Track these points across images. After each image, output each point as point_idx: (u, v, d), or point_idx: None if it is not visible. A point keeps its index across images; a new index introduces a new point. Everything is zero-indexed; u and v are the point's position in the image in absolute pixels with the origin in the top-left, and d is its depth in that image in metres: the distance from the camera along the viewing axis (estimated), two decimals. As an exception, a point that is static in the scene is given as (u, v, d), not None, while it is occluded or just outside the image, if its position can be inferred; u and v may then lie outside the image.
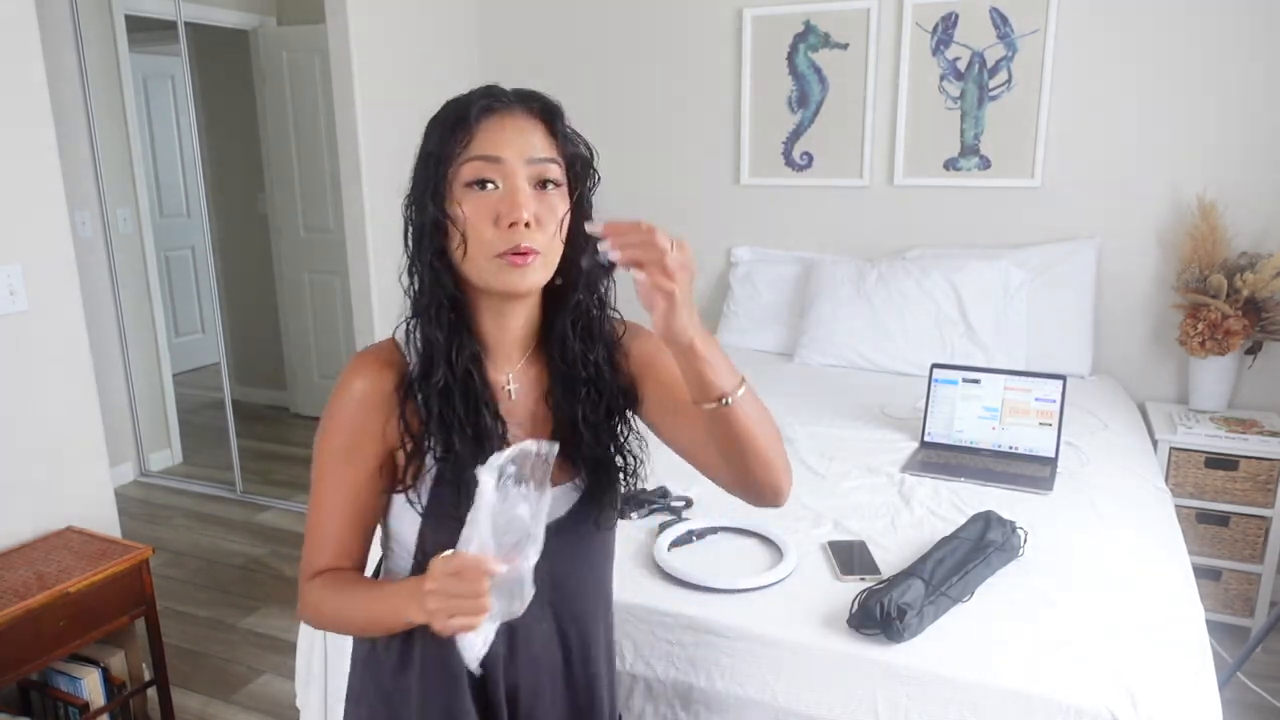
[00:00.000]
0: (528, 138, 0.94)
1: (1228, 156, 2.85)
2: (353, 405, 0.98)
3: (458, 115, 0.95)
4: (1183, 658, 1.39)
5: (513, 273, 0.93)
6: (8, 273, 2.16)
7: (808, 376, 3.00)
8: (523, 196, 0.92)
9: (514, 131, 0.94)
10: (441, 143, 0.94)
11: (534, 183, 0.94)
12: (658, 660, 1.53)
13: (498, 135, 0.93)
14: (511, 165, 0.92)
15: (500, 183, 0.92)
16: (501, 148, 0.93)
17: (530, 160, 0.93)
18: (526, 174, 0.93)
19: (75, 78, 3.74)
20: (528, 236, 0.92)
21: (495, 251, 0.92)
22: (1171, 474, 2.68)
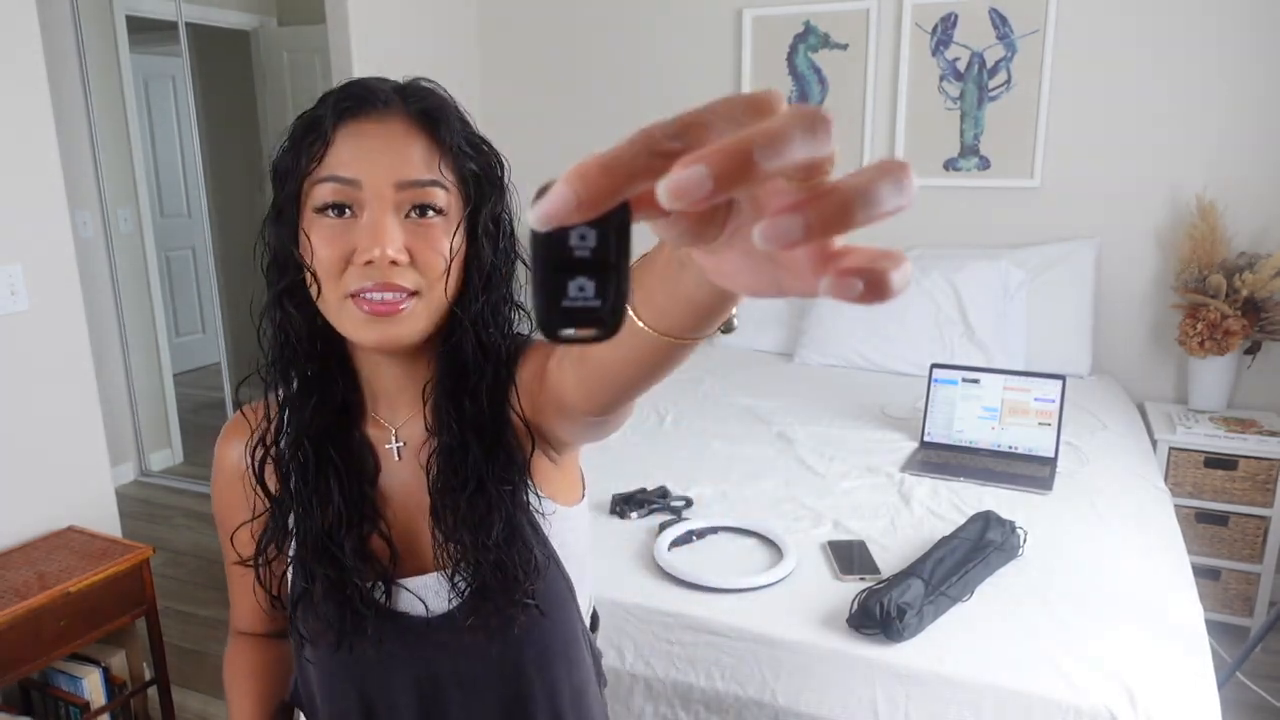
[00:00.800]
0: (400, 153, 0.74)
1: (1227, 156, 2.86)
2: (221, 476, 0.92)
3: (311, 120, 0.75)
4: (1182, 657, 1.39)
5: (374, 325, 0.73)
6: (8, 273, 2.16)
7: (808, 376, 3.00)
8: (386, 228, 0.71)
9: (382, 145, 0.73)
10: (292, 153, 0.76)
11: (407, 210, 0.74)
12: (658, 660, 1.53)
13: (358, 149, 0.73)
14: (374, 190, 0.73)
15: (358, 210, 0.73)
16: (361, 167, 0.72)
17: (401, 184, 0.73)
18: (396, 200, 0.73)
19: (76, 78, 3.74)
20: (397, 274, 0.72)
21: (349, 293, 0.73)
22: (1171, 474, 2.68)
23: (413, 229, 0.74)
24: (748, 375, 3.00)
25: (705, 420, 2.53)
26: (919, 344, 2.99)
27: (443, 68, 3.68)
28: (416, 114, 0.76)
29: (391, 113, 0.75)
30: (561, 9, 3.72)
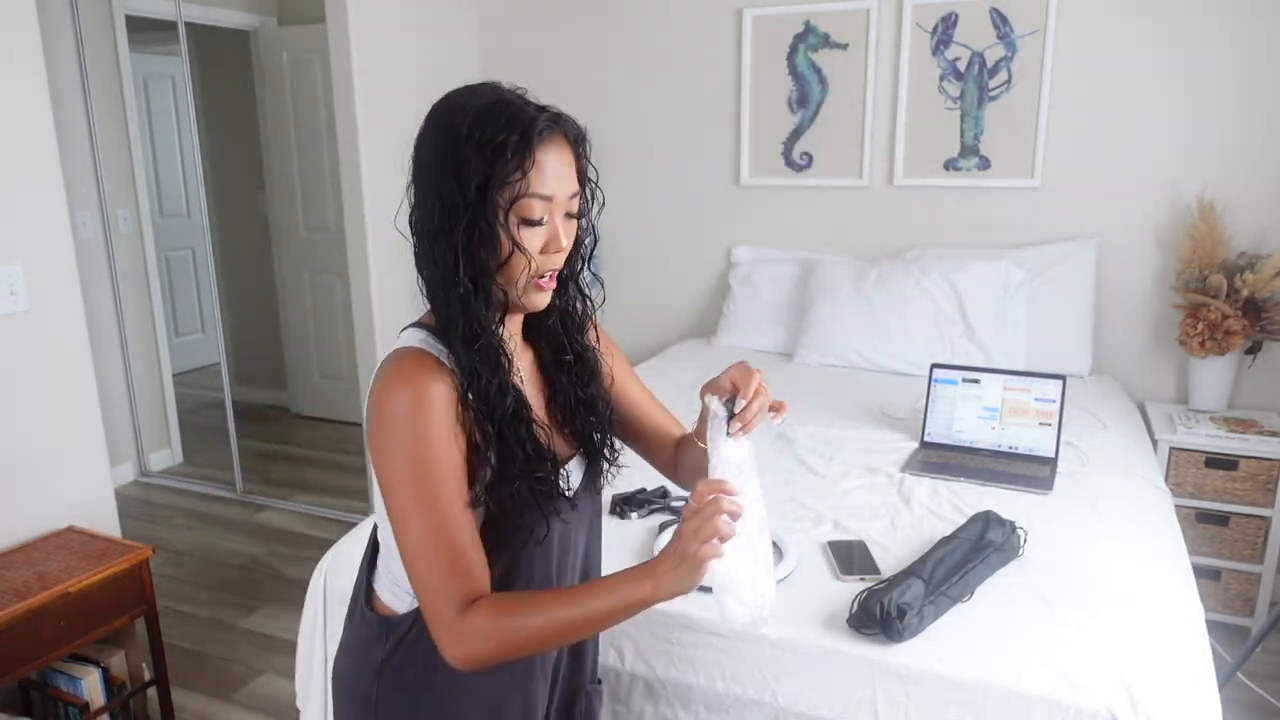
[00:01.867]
0: (570, 171, 0.97)
1: (1228, 156, 2.86)
2: (443, 416, 0.93)
3: (518, 139, 0.92)
4: (1182, 658, 1.39)
5: (540, 295, 1.00)
6: (8, 273, 2.16)
7: (807, 376, 3.00)
8: (565, 232, 0.98)
9: (563, 165, 0.96)
10: (496, 166, 0.92)
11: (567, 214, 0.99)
12: (658, 660, 1.53)
13: (551, 170, 0.95)
14: (559, 201, 0.97)
15: (546, 218, 0.96)
16: (554, 185, 0.95)
17: (571, 196, 0.98)
18: (566, 207, 0.98)
19: (75, 78, 3.74)
20: (560, 260, 1.00)
21: (534, 276, 0.98)
22: (1171, 474, 2.68)
23: (566, 226, 0.99)
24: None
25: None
26: (919, 344, 2.99)
27: (442, 67, 3.68)
28: (572, 139, 0.98)
29: (562, 139, 0.97)
30: (561, 9, 3.72)
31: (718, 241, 3.63)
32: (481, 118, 0.93)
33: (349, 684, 1.11)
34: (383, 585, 1.09)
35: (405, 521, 0.93)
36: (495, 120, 0.93)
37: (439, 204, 0.95)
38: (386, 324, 3.44)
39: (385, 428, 0.93)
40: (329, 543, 1.94)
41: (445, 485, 0.93)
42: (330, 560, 1.83)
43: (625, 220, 3.72)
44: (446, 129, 0.96)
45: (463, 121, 0.94)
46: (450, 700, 1.05)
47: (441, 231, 0.95)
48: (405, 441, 0.92)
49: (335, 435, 4.69)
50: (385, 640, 1.05)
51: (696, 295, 3.73)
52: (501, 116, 0.93)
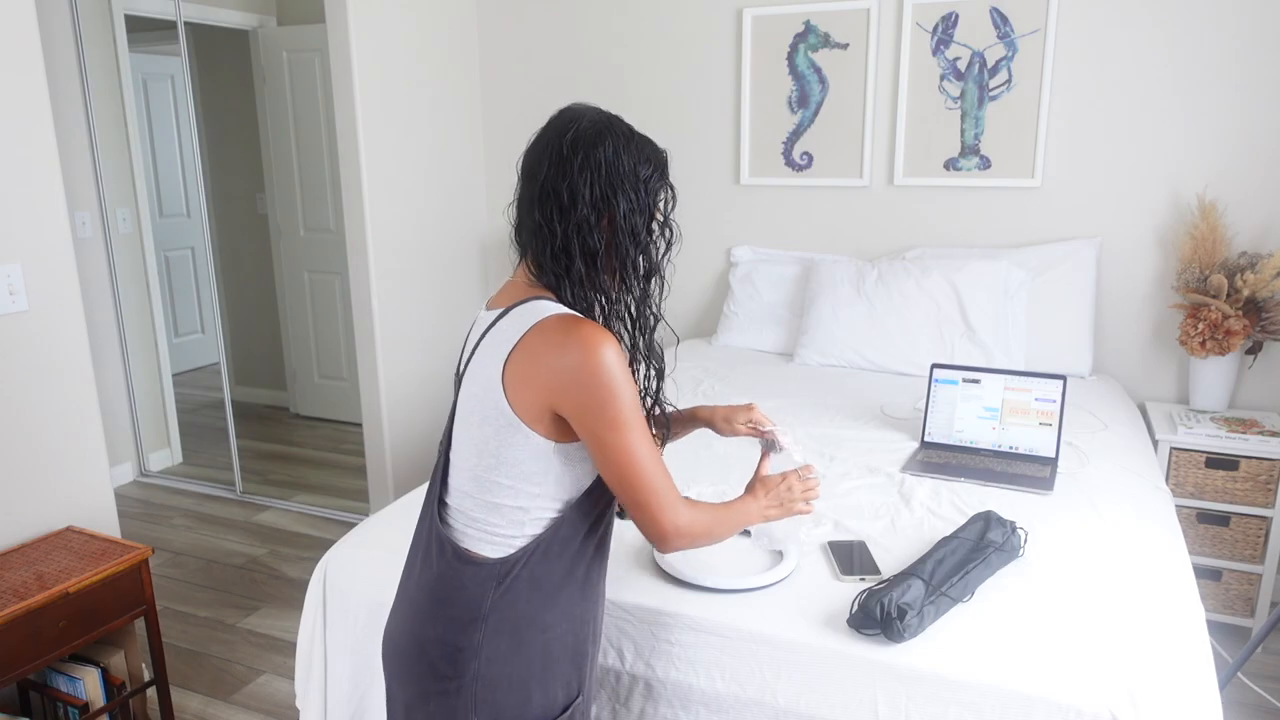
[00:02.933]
0: None
1: (1229, 156, 2.85)
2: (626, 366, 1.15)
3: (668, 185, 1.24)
4: (1183, 658, 1.39)
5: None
6: (7, 273, 2.16)
7: (808, 376, 3.00)
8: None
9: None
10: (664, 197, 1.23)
11: None
12: (658, 660, 1.53)
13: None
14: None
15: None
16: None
17: None
18: None
19: (75, 78, 3.74)
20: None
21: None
22: (1172, 474, 2.68)
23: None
24: (748, 375, 3.00)
25: (705, 420, 2.52)
26: (919, 344, 2.99)
27: (442, 67, 3.68)
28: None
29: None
30: (561, 8, 3.72)
31: (718, 241, 3.63)
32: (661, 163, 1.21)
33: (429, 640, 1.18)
34: (473, 538, 1.20)
35: (634, 449, 1.13)
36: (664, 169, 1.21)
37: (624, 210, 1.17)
38: (387, 324, 3.44)
39: (609, 373, 1.11)
40: (329, 543, 1.94)
41: (641, 420, 1.16)
42: (330, 560, 1.83)
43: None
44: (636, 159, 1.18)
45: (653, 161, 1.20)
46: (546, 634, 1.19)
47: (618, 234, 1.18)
48: (626, 386, 1.12)
49: (335, 435, 4.69)
50: (498, 584, 1.16)
51: (696, 295, 3.73)
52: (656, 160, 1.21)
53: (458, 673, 1.16)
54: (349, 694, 1.80)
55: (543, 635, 1.18)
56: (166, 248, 5.42)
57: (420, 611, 1.21)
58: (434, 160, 3.65)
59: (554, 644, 1.19)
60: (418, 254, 3.59)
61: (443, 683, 1.17)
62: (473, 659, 1.16)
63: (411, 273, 3.56)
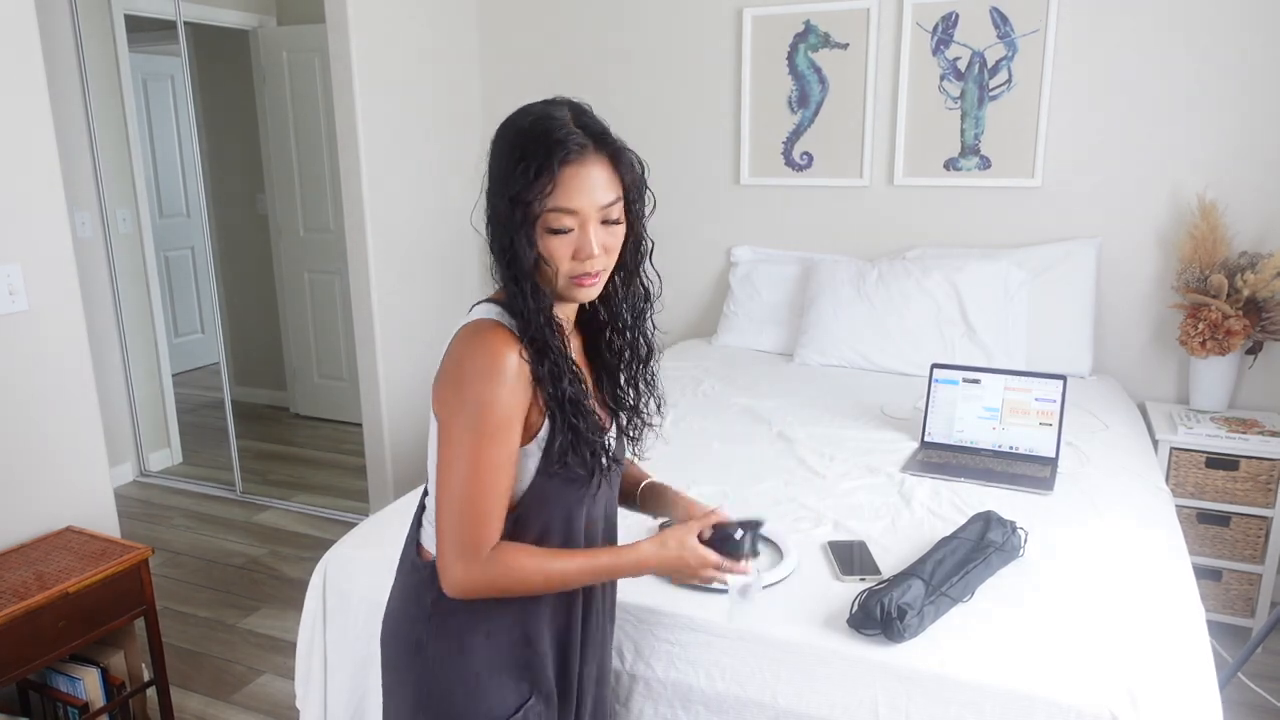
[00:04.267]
0: (600, 185, 1.08)
1: (1229, 156, 2.85)
2: (511, 383, 1.07)
3: (542, 161, 1.05)
4: (1183, 658, 1.39)
5: (581, 290, 1.12)
6: (7, 272, 2.16)
7: (808, 376, 3.00)
8: (594, 240, 1.08)
9: (591, 181, 1.07)
10: (525, 186, 1.05)
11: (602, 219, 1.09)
12: (658, 660, 1.53)
13: (578, 186, 1.06)
14: (586, 214, 1.07)
15: (576, 226, 1.08)
16: (580, 199, 1.06)
17: (601, 208, 1.08)
18: (598, 217, 1.08)
19: (75, 78, 3.74)
20: (596, 263, 1.10)
21: (569, 276, 1.10)
22: (1172, 474, 2.68)
23: (605, 231, 1.10)
24: (748, 375, 3.00)
25: (705, 420, 2.53)
26: (919, 344, 2.99)
27: (442, 67, 3.68)
28: (609, 156, 1.09)
29: (588, 155, 1.07)
30: (562, 8, 3.71)
31: (718, 241, 3.63)
32: (522, 138, 1.07)
33: (400, 631, 1.21)
34: (429, 536, 1.20)
35: (451, 469, 1.08)
36: (530, 141, 1.06)
37: (493, 211, 1.10)
38: (387, 324, 3.44)
39: (459, 384, 1.07)
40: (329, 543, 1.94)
41: (497, 447, 1.07)
42: (330, 560, 1.83)
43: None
44: (500, 144, 1.10)
45: (511, 140, 1.08)
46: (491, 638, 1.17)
47: (494, 234, 1.11)
48: (474, 401, 1.06)
49: (335, 435, 4.69)
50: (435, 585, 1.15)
51: (696, 295, 3.73)
52: (536, 138, 1.06)
53: (411, 666, 1.19)
54: (349, 694, 1.80)
55: (487, 640, 1.17)
56: (166, 248, 5.42)
57: (392, 604, 1.25)
58: (434, 159, 3.65)
59: (500, 648, 1.18)
60: (418, 254, 3.59)
61: (402, 674, 1.20)
62: (422, 655, 1.17)
63: (411, 273, 3.56)
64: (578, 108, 1.11)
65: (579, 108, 1.12)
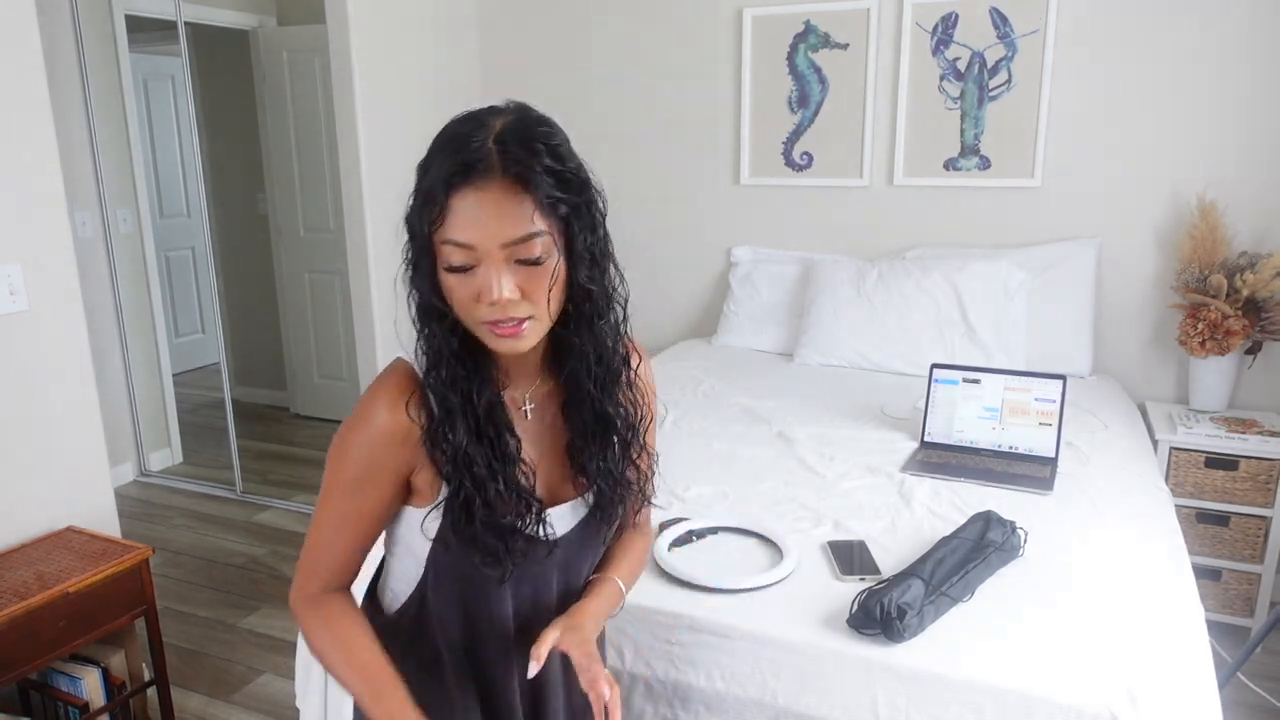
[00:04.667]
0: (504, 217, 0.86)
1: (1228, 156, 2.85)
2: (374, 439, 0.96)
3: (432, 183, 0.88)
4: (1183, 658, 1.39)
5: (501, 341, 0.92)
6: (8, 272, 2.16)
7: (808, 376, 3.00)
8: (497, 281, 0.87)
9: (490, 211, 0.86)
10: (419, 217, 0.90)
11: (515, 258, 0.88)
12: (658, 660, 1.53)
13: (472, 216, 0.86)
14: (485, 250, 0.87)
15: (477, 264, 0.88)
16: (474, 232, 0.86)
17: (506, 244, 0.86)
18: (504, 255, 0.87)
19: (75, 78, 3.74)
20: (513, 308, 0.89)
21: (482, 321, 0.90)
22: (1171, 474, 2.68)
23: (522, 271, 0.88)
24: (748, 375, 3.00)
25: (705, 420, 2.53)
26: (919, 344, 2.99)
27: (443, 68, 3.68)
28: (514, 177, 0.86)
29: (492, 178, 0.86)
30: (562, 8, 3.72)
31: (718, 241, 3.63)
32: (429, 153, 0.90)
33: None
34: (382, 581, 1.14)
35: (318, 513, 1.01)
36: (432, 157, 0.89)
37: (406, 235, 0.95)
38: (386, 324, 3.44)
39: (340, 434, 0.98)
40: (329, 543, 1.93)
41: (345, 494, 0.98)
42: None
43: (625, 220, 3.72)
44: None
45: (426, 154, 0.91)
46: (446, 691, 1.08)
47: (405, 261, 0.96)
48: (337, 446, 0.98)
49: (335, 435, 4.69)
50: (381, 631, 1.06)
51: (696, 295, 3.73)
52: (437, 154, 0.89)
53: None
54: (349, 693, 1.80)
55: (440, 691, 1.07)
56: (167, 248, 5.42)
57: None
58: (434, 160, 3.65)
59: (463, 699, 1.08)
60: (418, 254, 3.59)
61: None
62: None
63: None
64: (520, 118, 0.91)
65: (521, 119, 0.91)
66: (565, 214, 0.90)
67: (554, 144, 0.90)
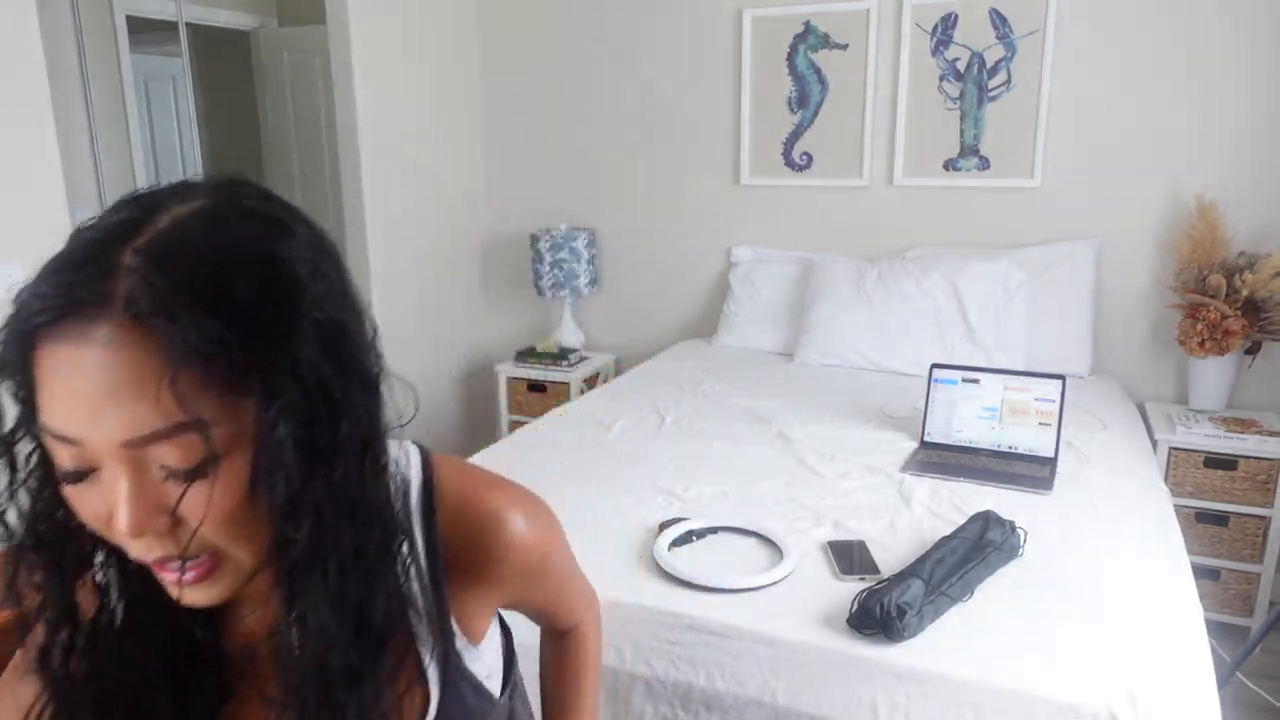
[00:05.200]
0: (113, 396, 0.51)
1: (1227, 156, 2.86)
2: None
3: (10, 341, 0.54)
4: (1182, 657, 1.39)
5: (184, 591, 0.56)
6: (8, 272, 2.16)
7: (808, 376, 3.00)
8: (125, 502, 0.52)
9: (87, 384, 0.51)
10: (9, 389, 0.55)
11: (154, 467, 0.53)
12: (658, 660, 1.53)
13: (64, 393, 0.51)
14: (99, 449, 0.52)
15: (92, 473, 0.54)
16: (73, 420, 0.52)
17: (129, 443, 0.52)
18: (132, 459, 0.52)
19: (76, 78, 3.74)
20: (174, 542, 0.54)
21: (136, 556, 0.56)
22: (1170, 474, 2.68)
23: (169, 490, 0.53)
24: (748, 375, 3.00)
25: (705, 420, 2.53)
26: (919, 344, 2.99)
27: (442, 68, 3.69)
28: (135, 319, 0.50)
29: (98, 323, 0.51)
30: (561, 8, 3.72)
31: (718, 241, 3.63)
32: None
33: None
34: None
35: None
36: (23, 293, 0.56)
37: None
38: (386, 324, 3.43)
39: None
40: (329, 543, 1.93)
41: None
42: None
43: (625, 220, 3.73)
44: None
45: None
46: None
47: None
48: None
49: (335, 435, 4.68)
50: None
51: (696, 295, 3.73)
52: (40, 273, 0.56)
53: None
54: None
55: None
56: (167, 248, 5.41)
57: None
58: (434, 160, 3.65)
59: None
60: (417, 254, 3.60)
61: None
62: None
63: (411, 273, 3.56)
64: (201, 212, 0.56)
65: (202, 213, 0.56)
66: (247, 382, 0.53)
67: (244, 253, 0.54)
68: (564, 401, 3.30)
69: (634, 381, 2.98)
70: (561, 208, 3.80)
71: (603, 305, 3.86)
